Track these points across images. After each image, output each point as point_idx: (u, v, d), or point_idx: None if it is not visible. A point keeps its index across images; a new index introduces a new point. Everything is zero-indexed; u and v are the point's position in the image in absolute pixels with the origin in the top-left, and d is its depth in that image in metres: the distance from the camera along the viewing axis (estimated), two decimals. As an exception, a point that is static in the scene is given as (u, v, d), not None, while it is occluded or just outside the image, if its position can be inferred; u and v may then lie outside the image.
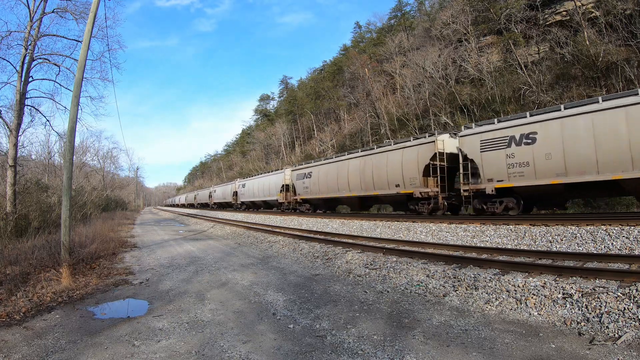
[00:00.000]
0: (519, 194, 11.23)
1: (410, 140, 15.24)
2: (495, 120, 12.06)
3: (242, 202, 33.92)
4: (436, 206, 13.49)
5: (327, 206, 21.45)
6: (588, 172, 9.39)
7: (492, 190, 11.34)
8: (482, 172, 11.63)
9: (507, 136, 10.97)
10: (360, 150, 18.49)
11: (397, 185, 14.84)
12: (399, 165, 14.76)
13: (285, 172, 24.66)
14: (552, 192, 10.59)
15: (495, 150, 11.25)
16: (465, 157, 12.27)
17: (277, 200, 25.47)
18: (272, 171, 29.59)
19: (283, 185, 24.59)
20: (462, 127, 13.06)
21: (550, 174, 10.04)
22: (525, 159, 10.54)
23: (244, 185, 33.24)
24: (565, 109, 10.04)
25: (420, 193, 13.76)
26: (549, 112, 10.60)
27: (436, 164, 13.23)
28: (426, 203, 13.85)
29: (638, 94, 8.84)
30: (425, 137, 14.37)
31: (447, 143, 13.62)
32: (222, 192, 41.75)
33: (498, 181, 11.20)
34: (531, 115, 10.80)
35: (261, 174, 31.93)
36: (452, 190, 13.94)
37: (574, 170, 9.63)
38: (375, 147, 17.66)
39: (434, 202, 13.50)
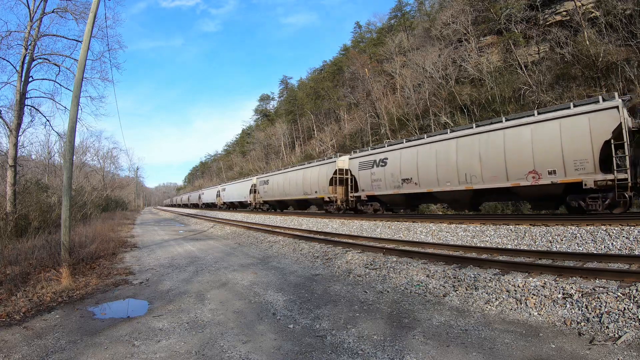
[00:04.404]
0: None
1: (572, 107, 10.42)
2: None
3: (265, 202, 28.58)
4: (615, 201, 9.73)
5: (410, 204, 16.20)
6: None
7: None
8: None
9: None
10: (474, 125, 13.15)
11: (551, 173, 10.47)
12: (557, 143, 10.27)
13: (338, 162, 19.14)
14: None
15: None
16: None
17: (323, 198, 20.05)
18: (315, 161, 23.39)
19: (334, 178, 19.11)
20: None
21: None
22: None
23: (266, 182, 27.91)
24: None
25: (595, 183, 9.59)
26: None
27: (622, 142, 9.25)
28: (600, 197, 9.86)
29: None
30: (598, 100, 10.01)
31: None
32: (234, 190, 36.68)
33: None
34: None
35: (296, 166, 25.78)
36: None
37: None
38: (509, 117, 12.13)
39: (611, 195, 9.60)
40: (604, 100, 9.93)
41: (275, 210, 27.81)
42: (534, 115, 11.21)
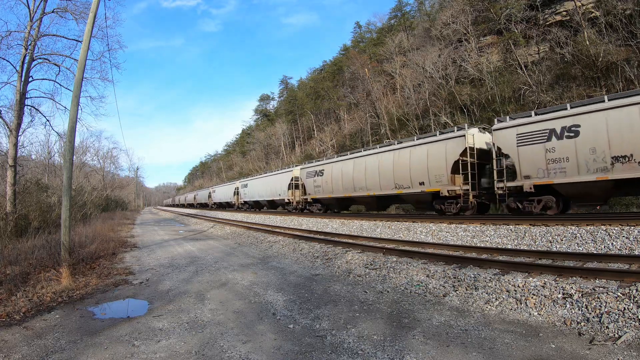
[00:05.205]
0: None
1: None
2: None
3: (316, 200, 20.95)
4: None
5: (609, 197, 10.62)
6: None
7: None
8: None
9: None
10: None
11: None
12: None
13: (468, 136, 12.56)
14: None
15: None
16: None
17: (438, 192, 13.25)
18: (414, 138, 15.51)
19: (460, 162, 12.59)
20: None
21: None
22: None
23: (319, 172, 20.10)
24: None
25: None
26: None
27: None
28: None
29: None
30: None
31: None
32: (262, 185, 28.59)
33: None
34: None
35: (375, 148, 17.75)
36: None
37: None
38: None
39: None
40: None
41: (328, 212, 20.69)
42: None
